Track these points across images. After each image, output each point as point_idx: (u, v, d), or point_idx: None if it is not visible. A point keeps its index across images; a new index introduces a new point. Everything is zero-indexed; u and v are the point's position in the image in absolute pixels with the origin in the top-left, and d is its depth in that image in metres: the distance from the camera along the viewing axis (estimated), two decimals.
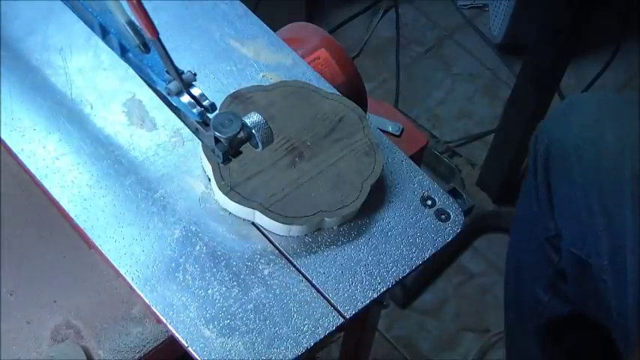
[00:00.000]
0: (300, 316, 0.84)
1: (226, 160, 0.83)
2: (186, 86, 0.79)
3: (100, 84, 0.96)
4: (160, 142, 0.94)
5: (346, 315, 0.85)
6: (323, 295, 0.86)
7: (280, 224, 0.88)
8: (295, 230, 0.89)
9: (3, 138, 0.92)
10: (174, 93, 0.79)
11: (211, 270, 0.86)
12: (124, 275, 0.86)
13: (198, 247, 0.88)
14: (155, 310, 0.84)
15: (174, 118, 0.86)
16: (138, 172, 0.91)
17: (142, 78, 0.85)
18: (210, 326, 0.83)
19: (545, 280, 1.28)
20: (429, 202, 0.92)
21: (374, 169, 0.91)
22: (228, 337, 0.83)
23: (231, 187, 0.88)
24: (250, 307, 0.85)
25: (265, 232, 0.89)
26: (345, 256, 0.89)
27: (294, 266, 0.88)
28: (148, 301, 0.84)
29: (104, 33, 0.84)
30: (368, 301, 0.86)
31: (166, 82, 0.79)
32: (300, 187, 0.89)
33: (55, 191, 0.90)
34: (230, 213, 0.90)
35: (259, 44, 1.01)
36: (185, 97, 0.79)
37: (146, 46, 0.80)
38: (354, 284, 0.87)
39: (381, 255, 0.89)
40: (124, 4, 0.74)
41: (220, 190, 0.88)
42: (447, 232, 0.91)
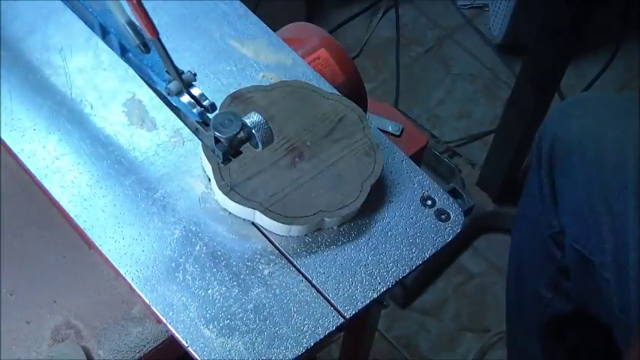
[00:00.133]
0: (300, 316, 0.84)
1: (226, 160, 0.83)
2: (186, 86, 0.79)
3: (100, 84, 0.96)
4: (160, 142, 0.94)
5: (346, 315, 0.85)
6: (323, 295, 0.86)
7: (280, 224, 0.88)
8: (295, 230, 0.89)
9: (3, 138, 0.92)
10: (174, 93, 0.79)
11: (211, 270, 0.86)
12: (124, 275, 0.86)
13: (198, 247, 0.88)
14: (155, 310, 0.84)
15: (174, 118, 0.86)
16: (138, 172, 0.91)
17: (142, 78, 0.85)
18: (210, 326, 0.83)
19: (548, 278, 1.28)
20: (429, 202, 0.92)
21: (374, 169, 0.91)
22: (228, 337, 0.83)
23: (231, 187, 0.88)
24: (250, 307, 0.85)
25: (265, 232, 0.89)
26: (345, 256, 0.89)
27: (294, 266, 0.88)
28: (148, 301, 0.84)
29: (104, 33, 0.84)
30: (368, 301, 0.86)
31: (166, 82, 0.79)
32: (300, 187, 0.89)
33: (55, 191, 0.90)
34: (230, 213, 0.90)
35: (259, 44, 1.01)
36: (185, 97, 0.79)
37: (146, 46, 0.80)
38: (354, 284, 0.87)
39: (381, 255, 0.89)
40: (124, 4, 0.74)
41: (220, 190, 0.88)
42: (447, 232, 0.91)
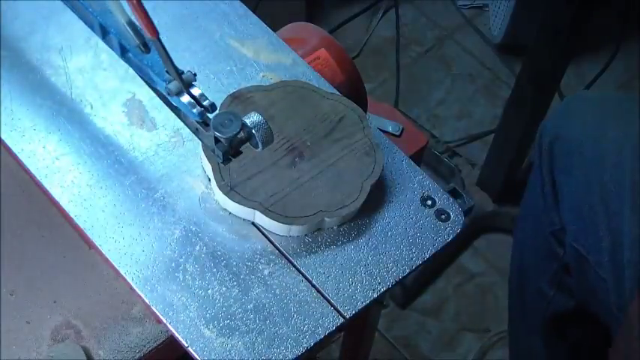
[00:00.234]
0: (300, 316, 0.84)
1: (226, 160, 0.83)
2: (186, 86, 0.79)
3: (100, 84, 0.96)
4: (160, 142, 0.94)
5: (346, 315, 0.85)
6: (323, 295, 0.86)
7: (280, 224, 0.88)
8: (295, 230, 0.89)
9: (3, 138, 0.92)
10: (174, 93, 0.79)
11: (211, 270, 0.86)
12: (124, 275, 0.86)
13: (198, 247, 0.88)
14: (155, 310, 0.84)
15: (174, 118, 0.86)
16: (138, 172, 0.91)
17: (142, 78, 0.85)
18: (210, 326, 0.83)
19: (550, 275, 1.29)
20: (429, 202, 0.92)
21: (374, 169, 0.91)
22: (228, 337, 0.83)
23: (231, 187, 0.88)
24: (250, 307, 0.85)
25: (265, 232, 0.89)
26: (345, 256, 0.88)
27: (294, 266, 0.88)
28: (147, 301, 0.84)
29: (104, 33, 0.84)
30: (368, 301, 0.86)
31: (166, 82, 0.79)
32: (300, 187, 0.89)
33: (55, 191, 0.90)
34: (230, 213, 0.90)
35: (259, 44, 1.01)
36: (185, 97, 0.79)
37: (146, 46, 0.80)
38: (354, 284, 0.87)
39: (381, 255, 0.89)
40: (124, 4, 0.74)
41: (220, 190, 0.88)
42: (447, 232, 0.91)
